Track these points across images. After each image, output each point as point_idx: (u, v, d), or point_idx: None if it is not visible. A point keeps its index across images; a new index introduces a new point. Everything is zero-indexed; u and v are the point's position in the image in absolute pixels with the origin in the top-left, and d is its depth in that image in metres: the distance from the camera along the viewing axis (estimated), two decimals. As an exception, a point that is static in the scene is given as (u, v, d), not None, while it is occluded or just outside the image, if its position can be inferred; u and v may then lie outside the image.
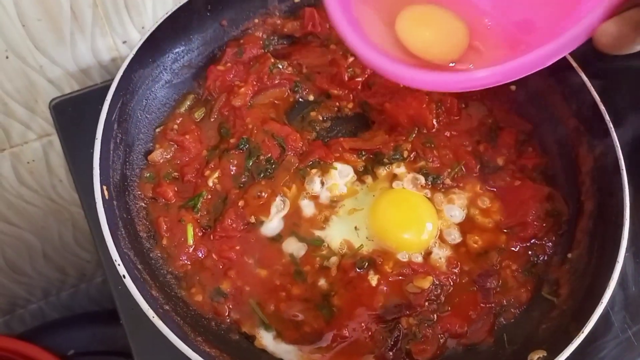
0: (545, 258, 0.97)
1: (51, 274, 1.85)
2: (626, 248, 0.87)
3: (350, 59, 1.15)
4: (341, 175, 1.01)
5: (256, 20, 1.17)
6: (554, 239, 0.98)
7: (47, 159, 1.44)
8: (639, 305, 1.06)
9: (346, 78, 1.12)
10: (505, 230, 0.98)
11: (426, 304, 0.90)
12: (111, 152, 0.94)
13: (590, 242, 0.94)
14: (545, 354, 0.80)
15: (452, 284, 0.93)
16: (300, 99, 1.13)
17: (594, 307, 0.81)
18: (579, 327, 0.80)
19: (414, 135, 1.06)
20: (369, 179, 1.02)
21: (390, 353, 0.87)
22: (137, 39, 1.25)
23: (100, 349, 1.75)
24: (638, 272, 1.08)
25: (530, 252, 0.97)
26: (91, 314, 2.05)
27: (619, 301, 1.02)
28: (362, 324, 0.88)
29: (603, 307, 0.81)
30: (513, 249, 0.97)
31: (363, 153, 1.04)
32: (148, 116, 1.05)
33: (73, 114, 1.18)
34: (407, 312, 0.89)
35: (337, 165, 1.02)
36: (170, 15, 1.03)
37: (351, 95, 1.12)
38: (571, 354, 0.79)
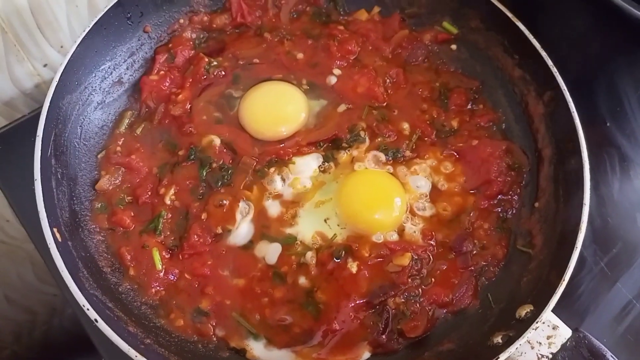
0: (514, 212, 0.98)
1: (19, 316, 1.76)
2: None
3: (287, 43, 1.12)
4: (302, 169, 0.98)
5: (182, 21, 1.11)
6: (519, 191, 0.99)
7: (-12, 202, 1.35)
8: (606, 236, 1.10)
9: (287, 61, 1.09)
10: (471, 192, 0.99)
11: (409, 280, 0.90)
12: (54, 190, 0.88)
13: (555, 188, 0.95)
14: (532, 308, 0.81)
15: (430, 255, 0.93)
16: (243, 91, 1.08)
17: (570, 253, 0.82)
18: (560, 275, 0.81)
19: (366, 112, 1.04)
20: (331, 168, 1.00)
21: (383, 336, 0.87)
22: (58, 60, 1.17)
23: (82, 380, 1.69)
24: (600, 205, 1.11)
25: (499, 209, 0.98)
26: (70, 347, 1.98)
27: (588, 236, 1.05)
28: (350, 314, 0.88)
29: (578, 252, 0.83)
30: (482, 208, 0.98)
31: (321, 144, 1.01)
32: (86, 143, 0.99)
33: (5, 152, 1.11)
34: (393, 292, 0.89)
35: (296, 159, 0.99)
36: (88, 32, 0.96)
37: (293, 76, 1.08)
38: (553, 300, 0.80)
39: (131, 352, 0.73)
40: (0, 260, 1.54)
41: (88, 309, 0.75)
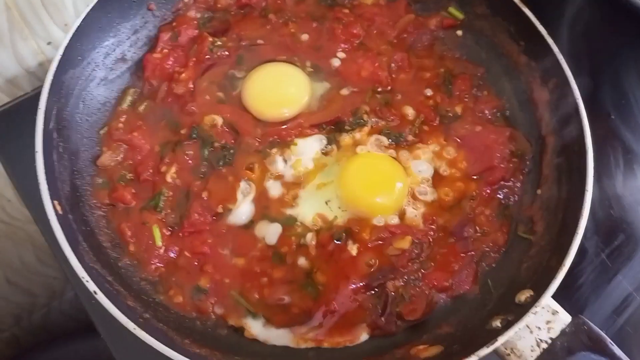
0: (516, 198, 0.98)
1: (19, 299, 1.76)
2: (590, 175, 0.89)
3: (292, 25, 1.11)
4: (304, 151, 0.98)
5: (186, 0, 1.10)
6: (521, 178, 0.99)
7: (-10, 181, 1.35)
8: (608, 228, 1.09)
9: (291, 43, 1.08)
10: (473, 178, 0.98)
11: (409, 263, 0.90)
12: (55, 163, 0.87)
13: (557, 176, 0.95)
14: (532, 293, 0.81)
15: (431, 240, 0.93)
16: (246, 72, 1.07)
17: (571, 239, 0.82)
18: (560, 260, 0.81)
19: (370, 95, 1.04)
20: (333, 151, 0.99)
21: (382, 319, 0.87)
22: (62, 38, 1.17)
23: (84, 364, 1.69)
24: (603, 197, 1.10)
25: (501, 195, 0.98)
26: (69, 331, 1.98)
27: (590, 227, 1.04)
28: (349, 295, 0.87)
29: (580, 238, 0.82)
30: (484, 194, 0.97)
31: (324, 126, 1.01)
32: (89, 119, 0.98)
33: (7, 129, 1.10)
34: (392, 275, 0.89)
35: (299, 141, 0.99)
36: (92, 7, 0.96)
37: (297, 58, 1.08)
38: (552, 288, 0.80)
39: (129, 324, 0.73)
40: (1, 241, 1.54)
41: (87, 281, 0.75)
